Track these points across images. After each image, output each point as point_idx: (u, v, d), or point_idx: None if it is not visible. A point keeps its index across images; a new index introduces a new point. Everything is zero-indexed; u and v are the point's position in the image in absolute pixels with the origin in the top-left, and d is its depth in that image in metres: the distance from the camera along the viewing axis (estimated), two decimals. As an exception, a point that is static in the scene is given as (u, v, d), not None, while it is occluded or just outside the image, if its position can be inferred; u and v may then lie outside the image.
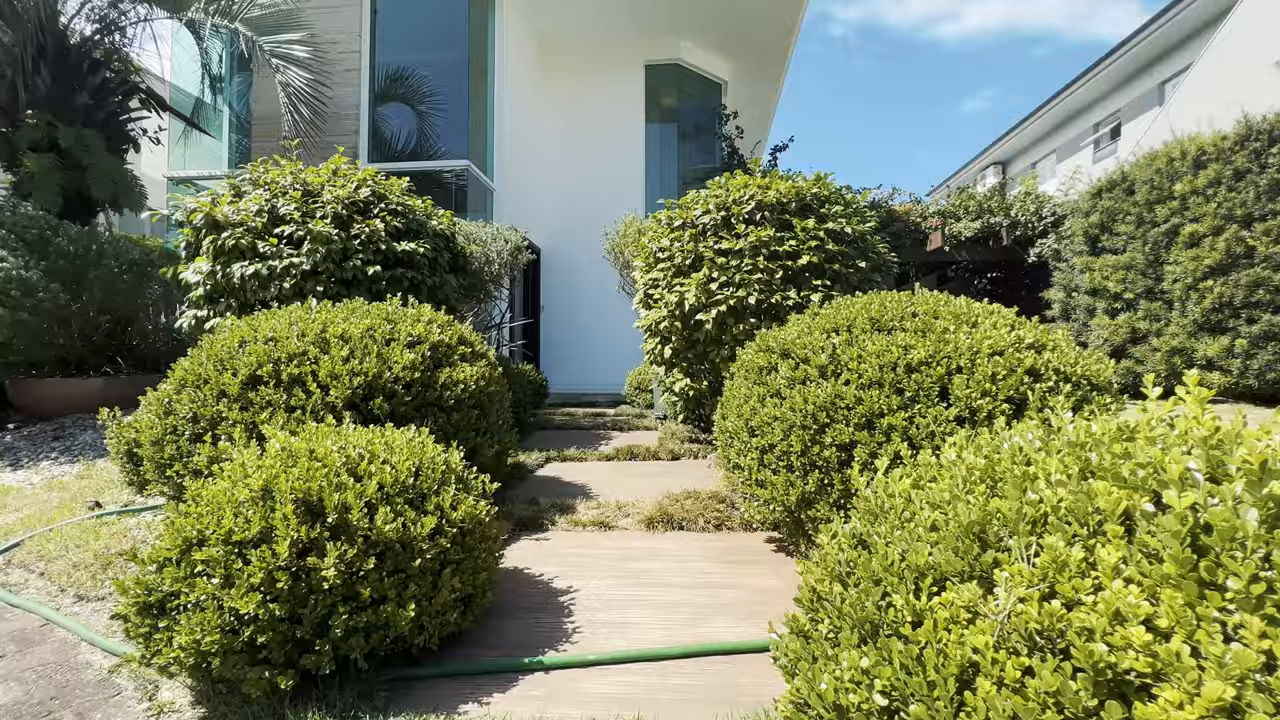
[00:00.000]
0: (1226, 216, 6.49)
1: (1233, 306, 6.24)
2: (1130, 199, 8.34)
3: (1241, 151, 6.47)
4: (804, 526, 2.18)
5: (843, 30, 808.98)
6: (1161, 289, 7.21)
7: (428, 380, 2.63)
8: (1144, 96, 13.71)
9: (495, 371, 3.09)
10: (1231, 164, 6.58)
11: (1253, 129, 6.55)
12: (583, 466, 4.09)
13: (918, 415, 1.95)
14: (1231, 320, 6.34)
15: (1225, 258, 6.34)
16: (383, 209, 4.43)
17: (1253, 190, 6.36)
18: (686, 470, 3.91)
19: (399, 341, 2.64)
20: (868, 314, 2.35)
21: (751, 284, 3.86)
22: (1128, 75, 14.00)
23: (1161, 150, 8.14)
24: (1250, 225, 6.27)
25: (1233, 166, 6.58)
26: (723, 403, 2.79)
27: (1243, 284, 6.16)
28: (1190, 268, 6.67)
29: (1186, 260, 6.69)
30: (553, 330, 10.82)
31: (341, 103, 8.91)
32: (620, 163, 11.36)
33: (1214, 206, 6.59)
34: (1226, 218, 6.49)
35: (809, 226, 3.95)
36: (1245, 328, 6.15)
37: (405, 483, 1.68)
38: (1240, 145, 6.50)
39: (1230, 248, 6.32)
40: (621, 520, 2.76)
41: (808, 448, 2.10)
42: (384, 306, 2.91)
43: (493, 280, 5.70)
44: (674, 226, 4.47)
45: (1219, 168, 6.69)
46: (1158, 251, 7.38)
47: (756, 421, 2.33)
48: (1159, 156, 8.09)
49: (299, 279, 3.99)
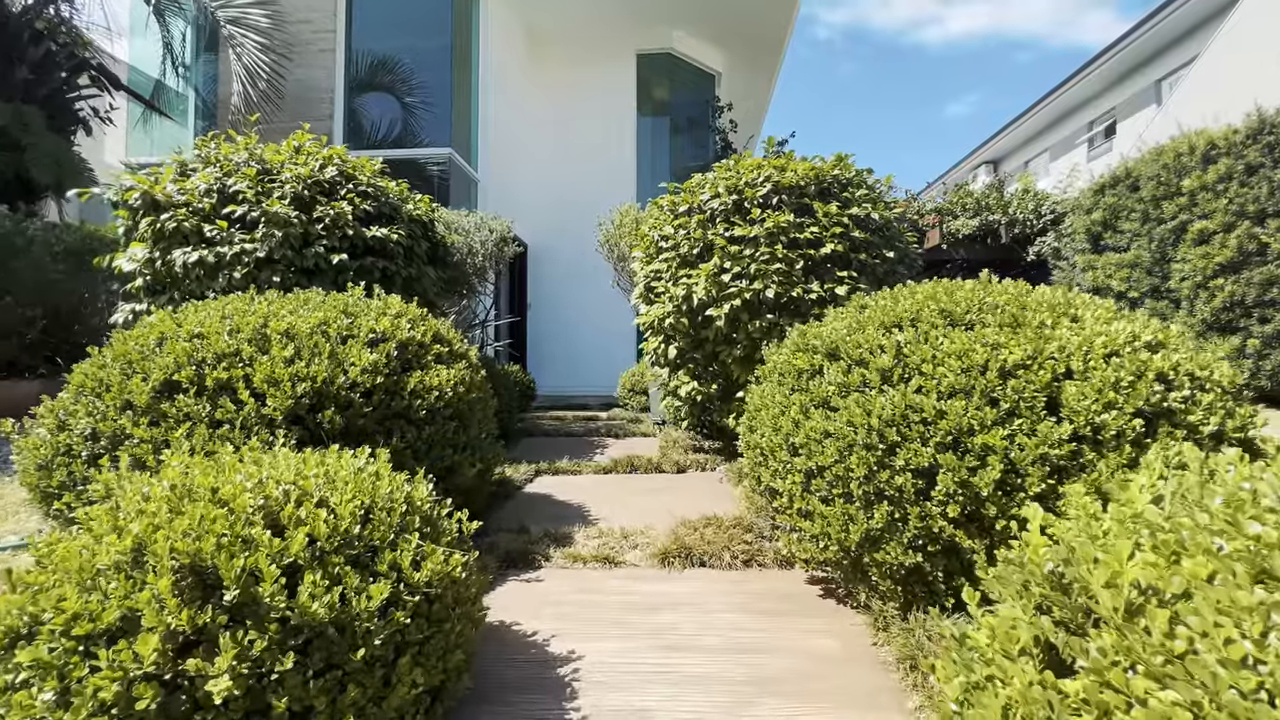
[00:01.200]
0: (1238, 213, 6.25)
1: (1244, 305, 5.99)
2: (1134, 195, 8.14)
3: (1254, 145, 6.22)
4: (866, 571, 1.74)
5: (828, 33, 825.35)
6: (1168, 288, 6.97)
7: (394, 386, 2.15)
8: (1140, 94, 13.55)
9: (477, 375, 2.61)
10: (1244, 158, 6.34)
11: (1266, 122, 6.30)
12: (577, 481, 3.62)
13: (1020, 433, 1.52)
14: (1243, 320, 6.09)
15: (1237, 255, 6.09)
16: (351, 190, 3.93)
17: (1266, 185, 6.09)
18: (695, 485, 3.46)
19: (358, 339, 2.16)
20: (936, 305, 1.91)
21: (769, 275, 3.42)
22: (1123, 73, 13.84)
23: (1168, 145, 7.90)
24: (1264, 221, 6.02)
25: (1245, 161, 6.33)
26: (750, 413, 2.35)
27: (1255, 282, 5.90)
28: (1199, 265, 6.41)
29: (1195, 258, 6.45)
30: (540, 329, 10.32)
31: (314, 85, 8.34)
32: (611, 155, 10.89)
33: (1225, 202, 6.35)
34: (1238, 214, 6.25)
35: (832, 212, 3.52)
36: (1258, 327, 5.90)
37: (348, 532, 1.20)
38: (1252, 139, 6.25)
39: (1242, 245, 6.07)
40: (629, 553, 2.30)
41: (873, 472, 1.66)
42: (342, 297, 2.43)
43: (476, 273, 5.21)
44: (678, 212, 4.02)
45: (1230, 162, 6.44)
46: (1164, 249, 7.16)
47: (800, 438, 1.89)
48: (1165, 152, 7.86)
49: (252, 268, 3.48)
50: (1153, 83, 13.05)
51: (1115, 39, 12.84)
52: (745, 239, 3.57)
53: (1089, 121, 15.40)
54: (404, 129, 8.81)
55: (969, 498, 1.53)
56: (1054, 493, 1.48)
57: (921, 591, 1.66)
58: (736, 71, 12.02)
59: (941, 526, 1.56)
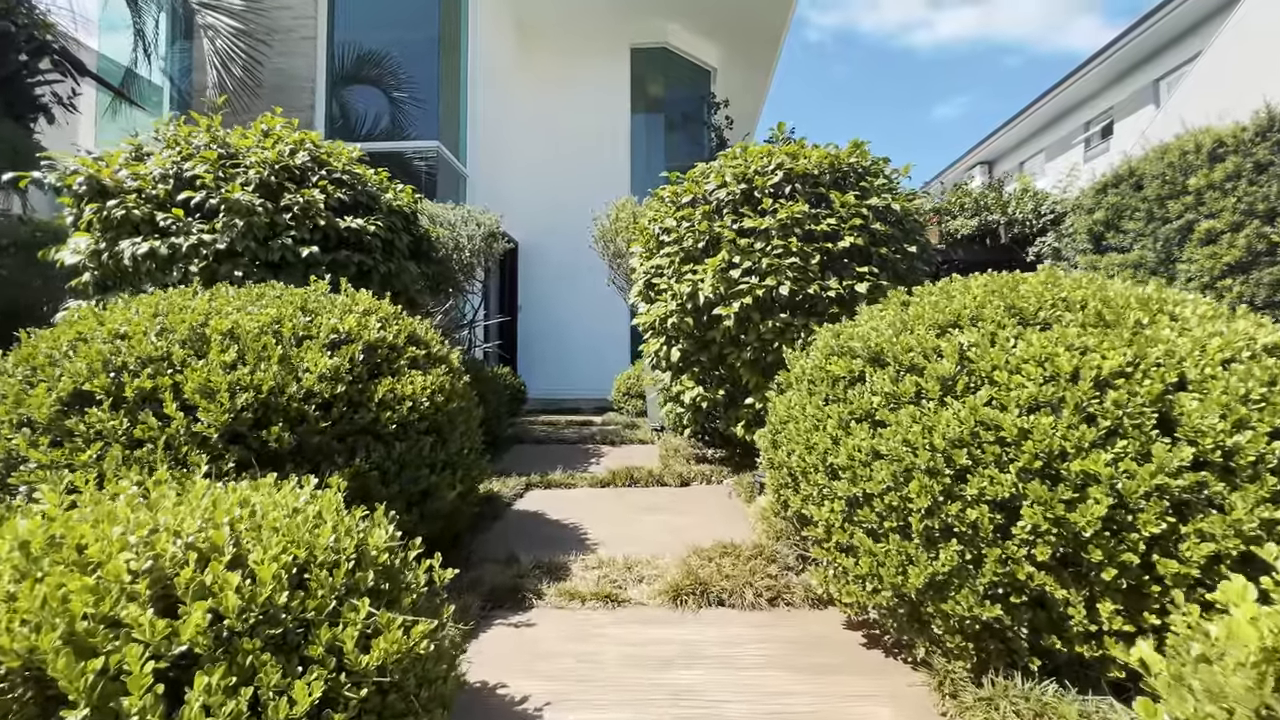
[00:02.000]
0: (1247, 212, 6.08)
1: (1253, 306, 5.83)
2: (1138, 195, 8.03)
3: (1263, 143, 6.05)
4: (927, 622, 1.44)
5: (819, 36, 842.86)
6: None
7: (358, 396, 1.82)
8: (1138, 93, 13.43)
9: (460, 381, 2.29)
10: (1252, 156, 6.16)
11: (1276, 119, 6.13)
12: (572, 497, 3.30)
13: (1127, 458, 1.23)
14: (1253, 322, 5.90)
15: (1245, 255, 5.93)
16: (324, 178, 3.59)
17: (1276, 184, 5.92)
18: (702, 502, 3.15)
19: (317, 339, 1.83)
20: (1001, 301, 1.62)
21: (783, 271, 3.12)
22: (1120, 73, 13.73)
23: (1173, 143, 7.76)
24: (1273, 221, 5.86)
25: (1253, 159, 6.16)
26: (773, 425, 2.04)
27: (1265, 283, 5.72)
28: (1206, 266, 6.25)
29: (1202, 258, 6.29)
30: (532, 330, 9.98)
31: (295, 74, 7.97)
32: (605, 152, 10.58)
33: (1233, 201, 6.18)
34: (1247, 213, 6.09)
35: (850, 202, 3.23)
36: (1268, 329, 5.70)
37: (271, 603, 0.88)
38: (1261, 137, 6.09)
39: (1251, 244, 5.91)
40: (634, 589, 1.99)
41: (939, 504, 1.36)
42: (301, 292, 2.10)
43: (463, 270, 4.87)
44: (681, 204, 3.71)
45: (1238, 160, 6.27)
46: (1170, 249, 7.02)
47: (841, 458, 1.58)
48: (1170, 150, 7.73)
49: (211, 261, 3.13)
50: (1151, 82, 12.94)
51: (1113, 38, 12.72)
52: (756, 231, 3.27)
53: (1085, 122, 15.31)
54: (390, 123, 8.47)
55: (1064, 537, 1.23)
56: (1174, 535, 1.19)
57: (997, 649, 1.36)
58: (733, 67, 11.75)
59: (1029, 573, 1.26)
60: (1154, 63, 12.92)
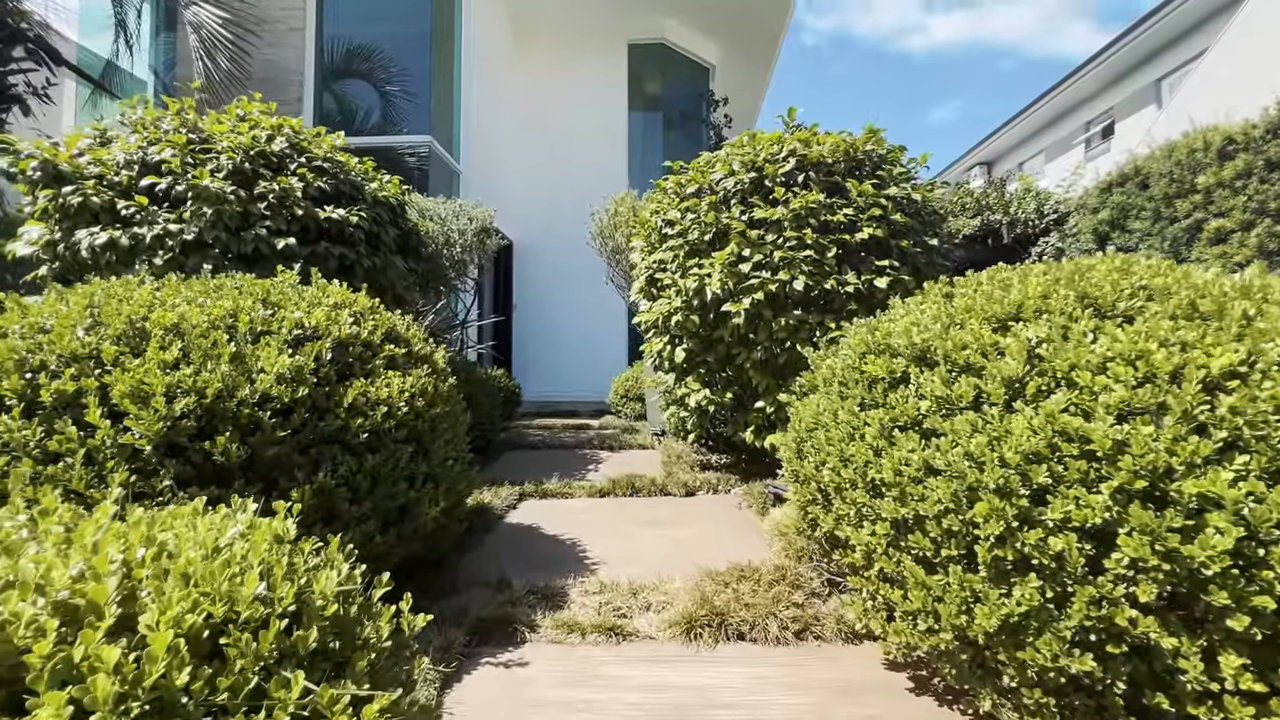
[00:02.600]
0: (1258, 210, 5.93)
1: None
2: (1144, 194, 7.92)
3: (1275, 140, 5.90)
4: (996, 671, 1.21)
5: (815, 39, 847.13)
6: None
7: (324, 400, 1.58)
8: (1140, 93, 13.32)
9: (445, 384, 2.05)
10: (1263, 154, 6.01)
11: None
12: (569, 508, 3.06)
13: (1252, 477, 1.00)
14: (1264, 323, 5.73)
15: (1257, 254, 5.78)
16: (303, 165, 3.34)
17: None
18: (710, 513, 2.91)
19: (278, 336, 1.59)
20: (1069, 289, 1.39)
21: (797, 264, 2.90)
22: (1121, 73, 13.63)
23: (1180, 141, 7.63)
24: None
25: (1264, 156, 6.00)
26: (797, 432, 1.81)
27: None
28: (1216, 266, 6.09)
29: (1212, 258, 6.16)
30: (527, 331, 9.74)
31: (283, 67, 7.73)
32: (602, 150, 10.36)
33: (1243, 200, 6.02)
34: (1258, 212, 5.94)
35: (868, 191, 3.01)
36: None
37: (165, 686, 0.65)
38: (1272, 134, 5.93)
39: (1263, 244, 5.76)
40: (641, 618, 1.75)
41: (1012, 530, 1.13)
42: (265, 283, 1.86)
43: (454, 267, 4.63)
44: (686, 194, 3.48)
45: (1249, 158, 6.11)
46: (1177, 249, 6.90)
47: (885, 472, 1.35)
48: (1178, 148, 7.61)
49: (177, 252, 2.89)
50: (1153, 82, 12.82)
51: (1114, 38, 12.61)
52: (767, 222, 3.04)
53: (1086, 122, 15.21)
54: (382, 118, 8.24)
55: (1174, 575, 1.00)
56: (1319, 573, 0.96)
57: (1085, 706, 1.13)
58: (732, 64, 11.56)
59: (1131, 617, 1.03)
60: (1155, 62, 12.82)
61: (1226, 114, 7.22)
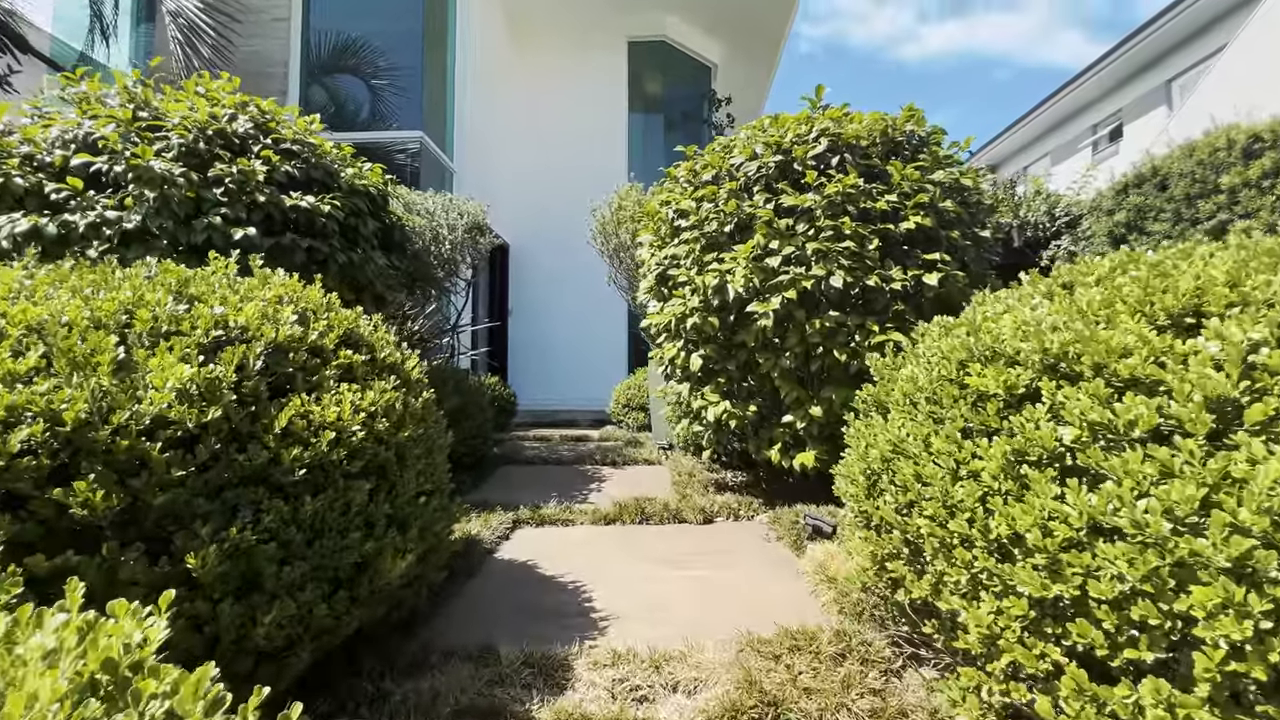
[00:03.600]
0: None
1: None
2: (1163, 195, 7.63)
3: None
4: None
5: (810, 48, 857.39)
6: None
7: (246, 424, 1.18)
8: (1149, 95, 13.06)
9: (419, 399, 1.64)
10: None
11: (1319, 112, 5.62)
12: (570, 539, 2.65)
13: None
14: (1295, 328, 5.36)
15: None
16: (269, 147, 2.95)
17: (1321, 181, 5.41)
18: (736, 546, 2.51)
19: (187, 338, 1.19)
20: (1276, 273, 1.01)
21: (834, 257, 2.51)
22: (1128, 74, 13.39)
23: (1201, 140, 7.35)
24: (1317, 220, 5.37)
25: (1293, 154, 5.69)
26: (862, 461, 1.41)
27: None
28: None
29: None
30: (523, 337, 9.33)
31: (267, 58, 7.37)
32: (601, 150, 9.99)
33: (1271, 200, 5.72)
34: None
35: (912, 176, 2.63)
36: (1313, 335, 5.15)
37: None
38: None
39: None
40: (667, 704, 1.34)
41: (1261, 637, 0.74)
42: (183, 270, 1.45)
43: (443, 265, 4.23)
44: (700, 182, 3.10)
45: (1276, 156, 5.81)
46: None
47: (1024, 529, 0.96)
48: (1199, 147, 7.33)
49: (115, 243, 2.48)
50: (1163, 83, 12.57)
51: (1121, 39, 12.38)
52: (797, 211, 2.66)
53: (1093, 125, 14.96)
54: (372, 114, 7.88)
55: None
56: None
57: None
58: (734, 64, 11.25)
59: None
60: (1165, 64, 12.57)
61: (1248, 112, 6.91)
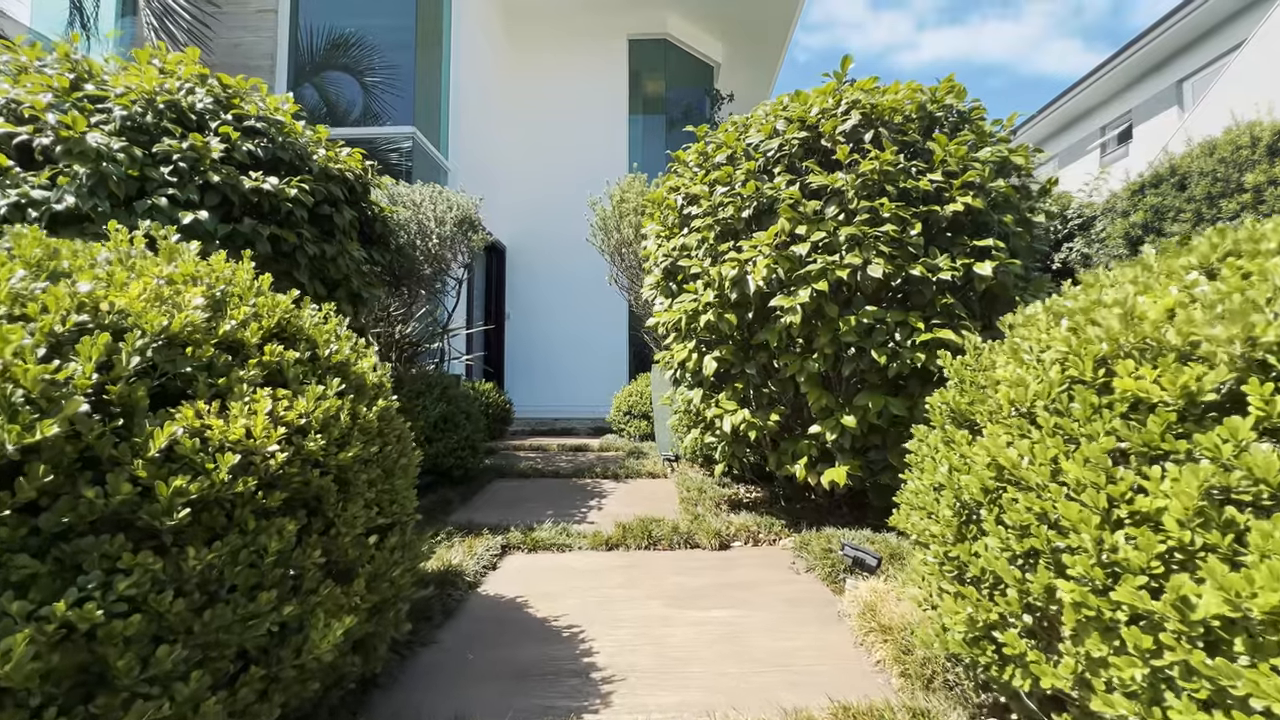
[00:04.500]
0: (1318, 209, 5.37)
1: None
2: (1182, 195, 7.37)
3: None
4: None
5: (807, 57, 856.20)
6: None
7: (107, 448, 0.84)
8: (1159, 96, 12.82)
9: (375, 409, 1.30)
10: (1320, 147, 5.46)
11: (1345, 108, 5.33)
12: (567, 568, 2.30)
13: None
14: (1325, 331, 5.08)
15: None
16: (229, 123, 2.62)
17: (1349, 178, 5.13)
18: (760, 579, 2.15)
19: (36, 325, 0.85)
20: None
21: (871, 244, 2.17)
22: (1138, 75, 13.17)
23: (1223, 138, 7.09)
24: (1346, 217, 5.10)
25: (1321, 150, 5.45)
26: (960, 494, 1.07)
27: None
28: None
29: None
30: (520, 341, 9.00)
31: (252, 51, 7.07)
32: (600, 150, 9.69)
33: None
34: (1318, 210, 5.37)
35: (958, 153, 2.30)
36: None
37: None
38: None
39: None
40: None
41: None
42: (52, 242, 1.11)
43: (431, 261, 3.89)
44: (714, 164, 2.77)
45: None
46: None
47: (1243, 591, 0.62)
48: (1220, 145, 7.07)
49: (44, 226, 2.15)
50: (1174, 83, 12.34)
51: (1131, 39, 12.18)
52: (827, 192, 2.32)
53: (1101, 126, 14.73)
54: (365, 114, 7.59)
55: None
56: None
57: None
58: (736, 63, 11.00)
59: None
60: (1175, 64, 12.36)
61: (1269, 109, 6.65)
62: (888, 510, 1.42)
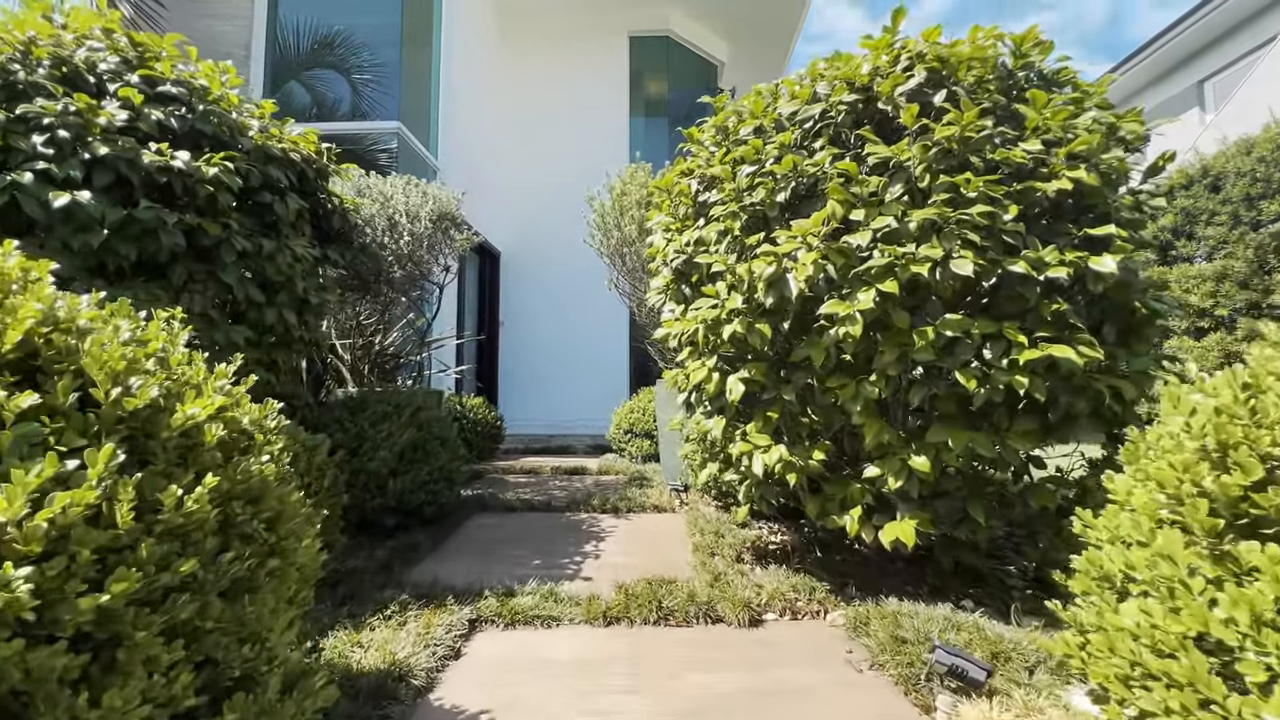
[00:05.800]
0: (1376, 208, 4.95)
1: None
2: (1216, 197, 6.92)
3: None
4: None
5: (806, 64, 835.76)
6: (1272, 303, 5.70)
7: None
8: (1179, 96, 12.37)
9: (219, 483, 0.76)
10: (1381, 146, 5.04)
11: None
12: (550, 660, 1.75)
13: None
14: (1373, 341, 4.56)
15: None
16: (131, 84, 2.09)
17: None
18: (807, 679, 1.60)
19: None
20: None
21: (952, 232, 1.64)
22: (1156, 76, 12.75)
23: (1262, 136, 6.63)
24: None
25: (1381, 149, 5.02)
26: (1258, 599, 0.53)
27: None
28: None
29: None
30: (513, 353, 8.45)
31: (222, 40, 6.58)
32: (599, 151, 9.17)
33: None
34: (1376, 210, 4.95)
35: (1058, 116, 1.77)
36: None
37: None
38: None
39: None
40: None
41: None
42: None
43: (401, 262, 3.36)
44: (737, 138, 2.24)
45: None
46: (1264, 257, 5.93)
47: None
48: (1259, 144, 6.61)
49: None
50: (1195, 83, 11.91)
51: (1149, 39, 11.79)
52: (889, 166, 1.80)
53: (1116, 129, 14.31)
54: (353, 111, 7.13)
55: None
56: None
57: None
58: (740, 63, 10.55)
59: None
60: (1195, 64, 11.95)
61: (1308, 106, 6.24)
62: (958, 571, 0.88)
